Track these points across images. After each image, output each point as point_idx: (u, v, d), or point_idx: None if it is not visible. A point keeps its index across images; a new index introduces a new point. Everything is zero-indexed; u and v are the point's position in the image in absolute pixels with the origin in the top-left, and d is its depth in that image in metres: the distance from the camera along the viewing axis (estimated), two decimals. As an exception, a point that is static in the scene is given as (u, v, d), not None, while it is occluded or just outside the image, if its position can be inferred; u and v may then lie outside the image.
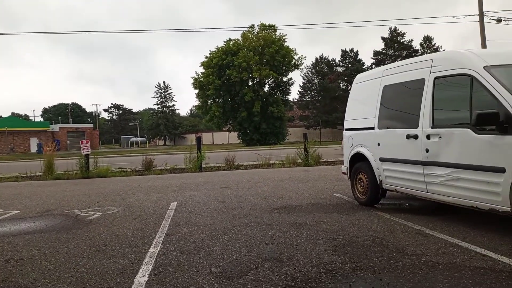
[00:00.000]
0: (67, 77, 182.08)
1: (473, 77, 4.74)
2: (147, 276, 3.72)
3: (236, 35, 66.36)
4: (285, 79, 52.34)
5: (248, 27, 51.74)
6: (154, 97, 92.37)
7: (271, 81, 51.70)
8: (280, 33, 51.13)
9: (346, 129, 7.53)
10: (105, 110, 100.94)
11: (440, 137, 5.12)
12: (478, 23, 22.09)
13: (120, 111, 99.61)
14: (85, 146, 14.11)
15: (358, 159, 6.98)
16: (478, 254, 3.98)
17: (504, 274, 3.41)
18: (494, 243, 4.29)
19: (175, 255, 4.36)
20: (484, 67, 4.70)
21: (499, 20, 22.37)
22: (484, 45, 21.49)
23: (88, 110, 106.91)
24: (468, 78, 4.82)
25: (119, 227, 5.86)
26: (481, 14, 21.87)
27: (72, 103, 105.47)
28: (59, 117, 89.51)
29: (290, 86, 53.50)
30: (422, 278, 3.40)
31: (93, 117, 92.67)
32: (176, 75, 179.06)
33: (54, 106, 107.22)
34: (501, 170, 4.24)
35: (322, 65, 64.23)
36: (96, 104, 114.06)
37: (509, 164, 4.15)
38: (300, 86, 65.74)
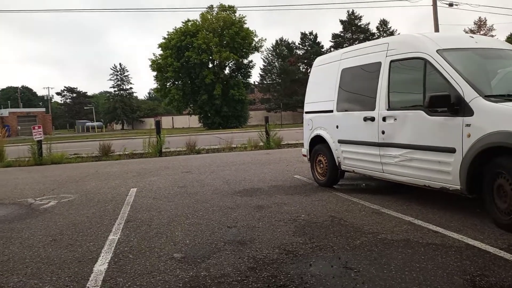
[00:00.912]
0: (16, 59, 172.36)
1: (426, 60, 4.90)
2: (107, 264, 3.65)
3: (195, 16, 64.94)
4: (245, 61, 52.00)
5: (207, 8, 50.76)
6: (110, 79, 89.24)
7: (231, 63, 51.21)
8: (240, 15, 50.55)
9: (306, 112, 7.62)
10: (58, 94, 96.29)
11: (395, 119, 5.29)
12: (432, 7, 22.81)
13: (74, 95, 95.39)
14: (37, 131, 13.48)
15: (318, 142, 7.10)
16: (430, 231, 4.19)
17: (454, 249, 3.62)
18: (444, 220, 4.53)
19: (136, 241, 4.30)
20: (437, 51, 4.86)
21: (451, 5, 23.21)
22: (437, 29, 22.25)
23: (40, 93, 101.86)
24: (421, 62, 4.97)
25: (76, 215, 5.68)
26: (434, -1, 22.56)
27: (22, 87, 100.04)
28: (8, 102, 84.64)
29: (250, 69, 53.26)
30: (378, 255, 3.54)
31: (45, 101, 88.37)
32: (133, 57, 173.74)
33: (3, 89, 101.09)
34: (452, 150, 4.45)
35: (282, 48, 64.27)
36: (48, 87, 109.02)
37: (459, 145, 4.36)
38: (260, 68, 65.66)
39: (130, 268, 3.53)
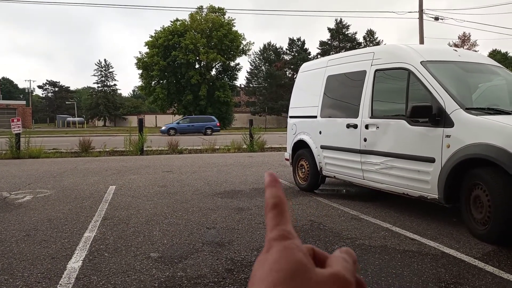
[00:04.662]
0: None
1: (410, 71, 4.98)
2: (81, 261, 3.57)
3: (184, 16, 64.73)
4: (232, 64, 51.99)
5: (196, 8, 50.59)
6: (94, 75, 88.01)
7: (218, 65, 51.12)
8: (229, 17, 50.58)
9: (290, 117, 7.64)
10: (40, 87, 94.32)
11: (378, 127, 5.35)
12: (418, 20, 23.24)
13: (56, 89, 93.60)
14: (16, 124, 13.17)
15: (301, 146, 7.13)
16: (407, 238, 4.24)
17: (430, 256, 3.67)
18: (421, 228, 4.59)
19: (112, 240, 4.22)
20: (421, 62, 4.95)
21: (436, 18, 23.70)
22: (422, 41, 22.68)
23: (21, 86, 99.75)
24: (405, 72, 5.05)
25: (52, 211, 5.56)
26: (421, 11, 23.02)
27: (3, 78, 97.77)
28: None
29: (237, 72, 53.27)
30: (355, 260, 3.56)
31: (26, 94, 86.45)
32: (119, 53, 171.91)
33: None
34: (431, 160, 4.52)
35: (269, 52, 64.56)
36: (30, 80, 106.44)
37: (438, 155, 4.44)
38: (247, 72, 65.74)
39: (105, 266, 3.47)
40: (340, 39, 61.01)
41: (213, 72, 51.55)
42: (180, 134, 29.10)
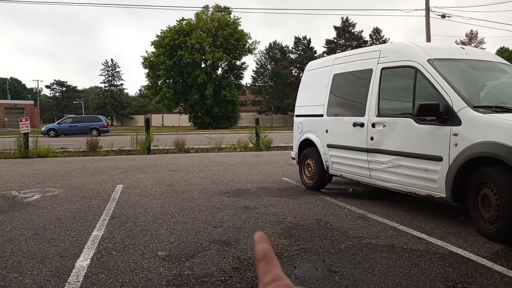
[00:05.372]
0: (6, 50, 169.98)
1: (417, 69, 4.95)
2: (89, 260, 3.60)
3: (190, 15, 64.90)
4: (238, 63, 52.01)
5: (202, 8, 50.66)
6: (101, 75, 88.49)
7: (224, 64, 51.16)
8: (234, 16, 50.60)
9: (297, 116, 7.63)
10: (47, 87, 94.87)
11: (385, 125, 5.33)
12: (424, 17, 23.09)
13: (64, 88, 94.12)
14: (24, 124, 13.29)
15: (307, 145, 7.12)
16: (415, 237, 4.22)
17: (437, 255, 3.65)
18: (429, 227, 4.57)
19: (120, 238, 4.25)
20: (427, 60, 4.92)
21: (443, 16, 23.52)
22: (429, 39, 22.53)
23: (29, 86, 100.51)
24: (412, 70, 5.02)
25: (60, 210, 5.61)
26: (428, 9, 22.86)
27: (11, 78, 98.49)
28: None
29: (243, 71, 53.27)
30: (362, 259, 3.56)
31: (33, 94, 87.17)
32: (125, 53, 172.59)
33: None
34: (439, 159, 4.49)
35: (275, 51, 64.48)
36: (38, 80, 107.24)
37: (446, 153, 4.41)
38: (253, 71, 65.76)
39: (112, 264, 3.50)
40: (346, 37, 60.74)
41: (219, 71, 51.60)
42: (62, 135, 26.73)
